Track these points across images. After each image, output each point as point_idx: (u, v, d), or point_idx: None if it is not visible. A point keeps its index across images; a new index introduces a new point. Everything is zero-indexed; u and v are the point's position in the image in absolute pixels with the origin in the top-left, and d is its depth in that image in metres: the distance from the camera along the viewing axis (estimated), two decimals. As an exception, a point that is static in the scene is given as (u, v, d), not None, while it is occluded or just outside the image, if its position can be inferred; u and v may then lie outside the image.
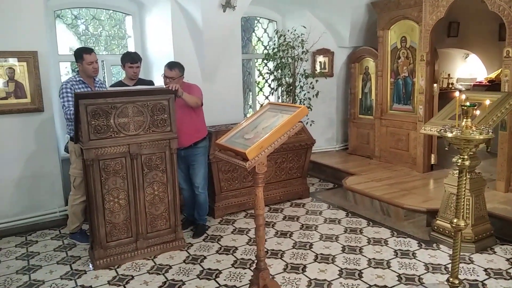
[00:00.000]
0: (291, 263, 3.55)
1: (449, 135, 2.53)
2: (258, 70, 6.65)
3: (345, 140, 7.04)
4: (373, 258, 3.58)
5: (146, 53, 5.47)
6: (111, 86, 4.38)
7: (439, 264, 3.45)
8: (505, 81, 4.48)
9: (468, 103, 2.51)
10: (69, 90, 3.82)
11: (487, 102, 2.76)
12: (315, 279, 3.27)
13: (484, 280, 3.18)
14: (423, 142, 5.48)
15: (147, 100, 3.55)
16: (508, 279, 3.17)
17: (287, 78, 6.12)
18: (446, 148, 3.89)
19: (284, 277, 3.32)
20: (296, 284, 3.20)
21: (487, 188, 4.05)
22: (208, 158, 4.27)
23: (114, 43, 5.72)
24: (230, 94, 5.51)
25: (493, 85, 7.45)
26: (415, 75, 5.63)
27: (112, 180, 3.52)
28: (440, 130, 2.61)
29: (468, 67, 9.14)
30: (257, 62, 6.61)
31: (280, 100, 6.38)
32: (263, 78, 6.65)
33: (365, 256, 3.63)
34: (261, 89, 6.77)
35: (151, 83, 4.43)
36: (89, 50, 3.94)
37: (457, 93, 2.59)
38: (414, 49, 5.61)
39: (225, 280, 3.31)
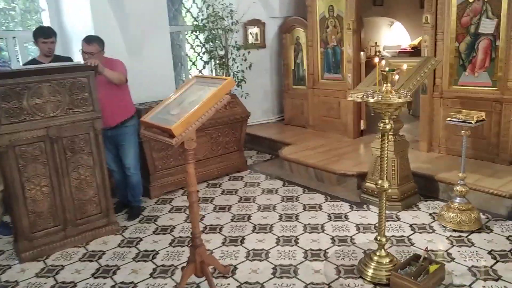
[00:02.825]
0: (229, 236, 3.56)
1: (371, 100, 2.61)
2: (189, 43, 6.43)
3: (281, 111, 7.11)
4: (309, 224, 3.70)
5: (64, 28, 5.05)
6: (25, 64, 4.00)
7: (369, 224, 3.63)
8: (424, 47, 4.72)
9: (387, 69, 2.59)
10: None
11: (404, 67, 2.86)
12: (253, 249, 3.31)
13: (410, 235, 3.40)
14: (353, 109, 5.67)
15: (63, 78, 3.28)
16: (431, 232, 3.42)
17: (219, 51, 5.98)
18: (372, 114, 4.06)
19: (222, 250, 3.33)
20: (235, 256, 3.22)
21: (411, 149, 4.31)
22: (138, 137, 4.08)
23: (29, 18, 5.21)
24: (159, 69, 5.29)
25: (416, 51, 7.83)
26: (343, 44, 5.75)
27: (31, 167, 3.26)
28: (363, 96, 2.68)
29: (393, 35, 9.52)
30: (187, 34, 6.38)
31: (213, 73, 6.24)
32: (195, 51, 6.45)
33: (301, 223, 3.73)
34: (193, 63, 6.58)
35: (69, 59, 4.10)
36: None
37: (376, 59, 2.66)
38: (342, 18, 5.70)
39: (162, 260, 3.25)
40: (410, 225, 3.57)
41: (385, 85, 2.60)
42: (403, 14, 9.38)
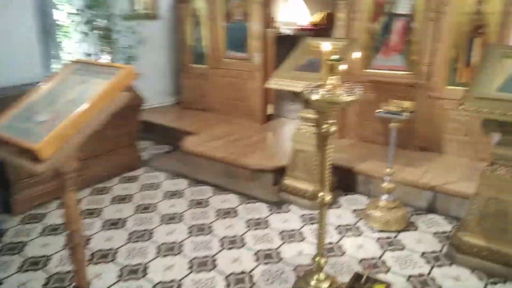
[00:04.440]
0: (127, 265, 2.78)
1: (315, 97, 2.05)
2: (59, 9, 5.16)
3: (178, 93, 6.29)
4: (225, 237, 3.11)
5: None
6: None
7: (293, 230, 3.19)
8: (339, 26, 4.35)
9: (334, 57, 2.05)
10: None
11: (357, 55, 2.37)
12: (161, 282, 2.61)
13: (339, 240, 3.05)
14: (260, 92, 5.16)
15: None
16: (359, 235, 3.11)
17: (101, 20, 4.89)
18: (291, 104, 3.59)
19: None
20: (136, 295, 2.50)
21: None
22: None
23: None
24: (18, 42, 4.08)
25: (321, 30, 7.59)
26: (249, 19, 5.14)
27: None
28: (304, 91, 2.12)
29: (291, 10, 9.20)
30: (57, -2, 5.10)
31: (95, 49, 5.11)
32: (70, 20, 5.20)
33: (216, 236, 3.12)
34: (67, 34, 5.33)
35: None
36: None
37: (324, 46, 2.08)
38: (247, -12, 5.06)
39: (34, 311, 2.37)
40: (337, 228, 3.22)
41: (330, 77, 2.07)
42: (301, -11, 9.09)
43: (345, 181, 3.85)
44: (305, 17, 9.12)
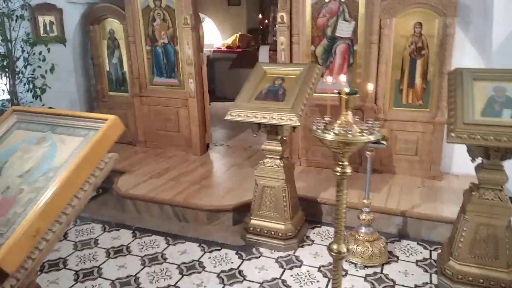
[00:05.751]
0: None
1: (329, 137, 1.78)
2: None
3: (95, 125, 5.51)
4: (199, 299, 2.63)
5: None
6: None
7: (274, 279, 2.83)
8: (281, 50, 4.18)
9: (348, 89, 1.81)
10: None
11: (371, 87, 2.14)
12: None
13: (327, 285, 2.77)
14: (197, 120, 4.73)
15: None
16: (345, 275, 2.87)
17: (-1, 46, 4.03)
18: (254, 135, 3.27)
19: None
20: None
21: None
22: None
23: None
24: None
25: (244, 52, 7.38)
26: (176, 42, 4.71)
27: None
28: (316, 130, 1.83)
29: (205, 32, 8.93)
30: None
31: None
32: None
33: (188, 300, 2.62)
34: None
35: None
36: None
37: (329, 79, 1.83)
38: (172, 10, 4.63)
39: None
40: (318, 269, 2.95)
41: (345, 113, 1.82)
42: (212, 10, 8.90)
43: (309, 212, 3.63)
44: (219, 40, 8.93)
